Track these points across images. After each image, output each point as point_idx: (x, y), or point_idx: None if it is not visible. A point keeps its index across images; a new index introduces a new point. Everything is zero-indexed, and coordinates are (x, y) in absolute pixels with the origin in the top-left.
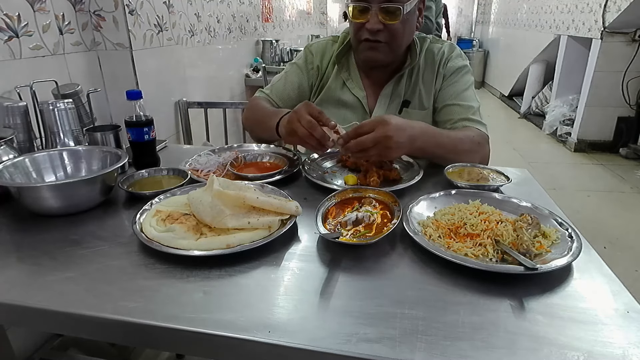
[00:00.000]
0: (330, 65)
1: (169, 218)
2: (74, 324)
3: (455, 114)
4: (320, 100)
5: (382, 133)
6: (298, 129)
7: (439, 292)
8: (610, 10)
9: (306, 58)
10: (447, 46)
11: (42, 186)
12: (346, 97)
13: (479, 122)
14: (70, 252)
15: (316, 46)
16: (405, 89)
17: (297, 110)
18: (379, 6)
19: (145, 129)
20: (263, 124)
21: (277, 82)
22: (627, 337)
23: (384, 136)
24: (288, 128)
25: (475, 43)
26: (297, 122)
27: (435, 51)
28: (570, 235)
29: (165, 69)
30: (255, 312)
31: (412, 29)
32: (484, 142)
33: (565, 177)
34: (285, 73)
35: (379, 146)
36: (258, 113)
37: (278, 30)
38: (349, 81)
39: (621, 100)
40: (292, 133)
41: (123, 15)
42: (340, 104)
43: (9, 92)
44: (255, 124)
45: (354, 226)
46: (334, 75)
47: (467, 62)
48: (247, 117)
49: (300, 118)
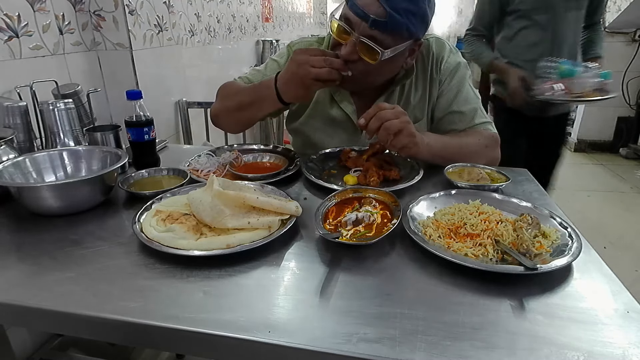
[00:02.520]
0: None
1: (169, 218)
2: (74, 324)
3: (459, 123)
4: (307, 117)
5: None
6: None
7: (439, 292)
8: (610, 10)
9: (288, 58)
10: (434, 42)
11: (42, 186)
12: (334, 112)
13: (484, 122)
14: (70, 252)
15: (299, 47)
16: (398, 100)
17: (298, 60)
18: (359, 38)
19: (145, 129)
20: (251, 102)
21: (253, 74)
22: (627, 337)
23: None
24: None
25: None
26: (312, 68)
27: (424, 50)
28: (570, 235)
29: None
30: (255, 312)
31: (393, 69)
32: (492, 144)
33: (565, 177)
34: (264, 67)
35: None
36: (240, 93)
37: (278, 30)
38: (336, 94)
39: (621, 100)
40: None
41: (123, 15)
42: (329, 119)
43: (9, 92)
44: (239, 107)
45: (354, 226)
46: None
47: (460, 56)
48: (224, 103)
49: (311, 62)
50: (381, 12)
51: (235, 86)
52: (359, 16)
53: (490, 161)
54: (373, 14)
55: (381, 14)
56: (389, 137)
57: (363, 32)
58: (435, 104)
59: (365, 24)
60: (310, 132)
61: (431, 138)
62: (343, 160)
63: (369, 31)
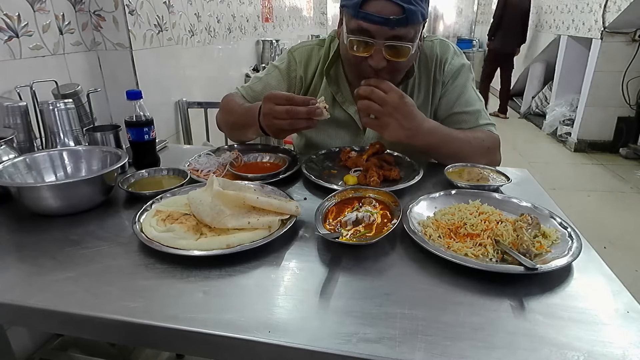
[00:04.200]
0: (318, 75)
1: (169, 218)
2: (74, 324)
3: (463, 124)
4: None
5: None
6: (281, 124)
7: (439, 292)
8: (610, 10)
9: (289, 64)
10: (438, 44)
11: (42, 186)
12: (337, 113)
13: (486, 124)
14: (70, 252)
15: (300, 52)
16: None
17: (264, 110)
18: (384, 43)
19: (145, 129)
20: (242, 125)
21: (255, 83)
22: (627, 337)
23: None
24: (272, 130)
25: (475, 43)
26: (275, 120)
27: (428, 52)
28: (570, 235)
29: (165, 69)
30: (255, 312)
31: (415, 56)
32: (494, 147)
33: (565, 177)
34: (265, 75)
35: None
36: (234, 113)
37: (278, 30)
38: (338, 95)
39: (621, 100)
40: (277, 132)
41: (123, 15)
42: (332, 121)
43: (9, 92)
44: (233, 127)
45: (354, 226)
46: (322, 89)
47: (464, 58)
48: (223, 119)
49: (276, 114)
50: (397, 10)
51: (232, 103)
52: (379, 23)
53: (490, 163)
54: (392, 15)
55: (398, 12)
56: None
57: (387, 36)
58: (437, 105)
59: (387, 28)
60: (313, 133)
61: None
62: (343, 160)
63: (392, 32)
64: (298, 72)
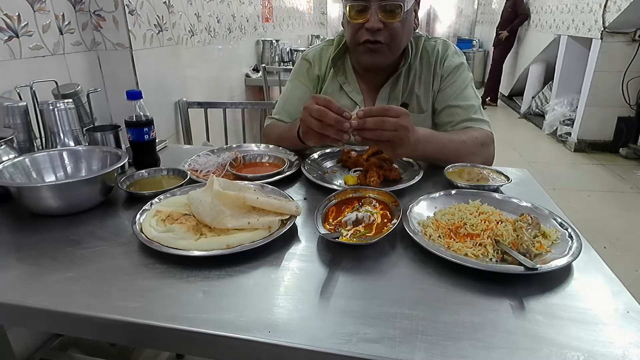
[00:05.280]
0: (328, 69)
1: (169, 218)
2: (74, 324)
3: (456, 116)
4: None
5: (405, 123)
6: (311, 123)
7: (439, 292)
8: (610, 10)
9: (307, 70)
10: (441, 44)
11: (42, 186)
12: (343, 101)
13: (481, 120)
14: (70, 252)
15: (312, 54)
16: (403, 90)
17: (306, 106)
18: (378, 4)
19: (145, 129)
20: (286, 140)
21: (284, 102)
22: (627, 337)
23: (405, 127)
24: (303, 127)
25: (475, 43)
26: (309, 117)
27: (430, 50)
28: (570, 235)
29: (165, 69)
30: (255, 312)
31: (410, 29)
32: (488, 142)
33: (565, 177)
34: (288, 92)
35: (397, 134)
36: (279, 140)
37: (278, 30)
38: (345, 85)
39: (621, 100)
40: (307, 131)
41: (123, 15)
42: None
43: (9, 92)
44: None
45: (354, 226)
46: (330, 79)
47: (464, 58)
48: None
49: (310, 111)
50: None
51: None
52: None
53: (485, 159)
54: None
55: None
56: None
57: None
58: (436, 97)
59: None
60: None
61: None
62: (343, 160)
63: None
64: (314, 71)
